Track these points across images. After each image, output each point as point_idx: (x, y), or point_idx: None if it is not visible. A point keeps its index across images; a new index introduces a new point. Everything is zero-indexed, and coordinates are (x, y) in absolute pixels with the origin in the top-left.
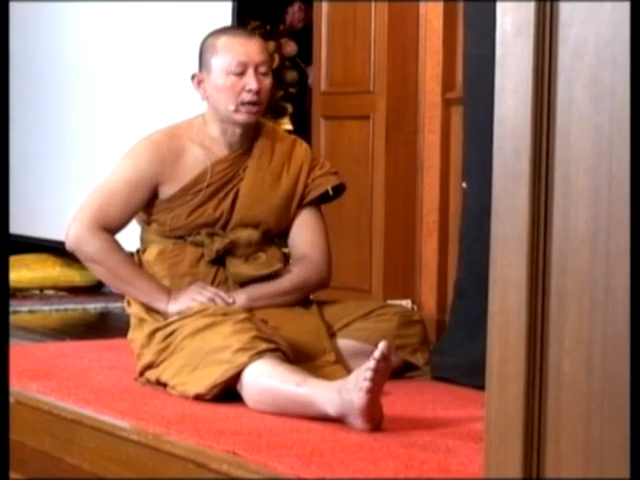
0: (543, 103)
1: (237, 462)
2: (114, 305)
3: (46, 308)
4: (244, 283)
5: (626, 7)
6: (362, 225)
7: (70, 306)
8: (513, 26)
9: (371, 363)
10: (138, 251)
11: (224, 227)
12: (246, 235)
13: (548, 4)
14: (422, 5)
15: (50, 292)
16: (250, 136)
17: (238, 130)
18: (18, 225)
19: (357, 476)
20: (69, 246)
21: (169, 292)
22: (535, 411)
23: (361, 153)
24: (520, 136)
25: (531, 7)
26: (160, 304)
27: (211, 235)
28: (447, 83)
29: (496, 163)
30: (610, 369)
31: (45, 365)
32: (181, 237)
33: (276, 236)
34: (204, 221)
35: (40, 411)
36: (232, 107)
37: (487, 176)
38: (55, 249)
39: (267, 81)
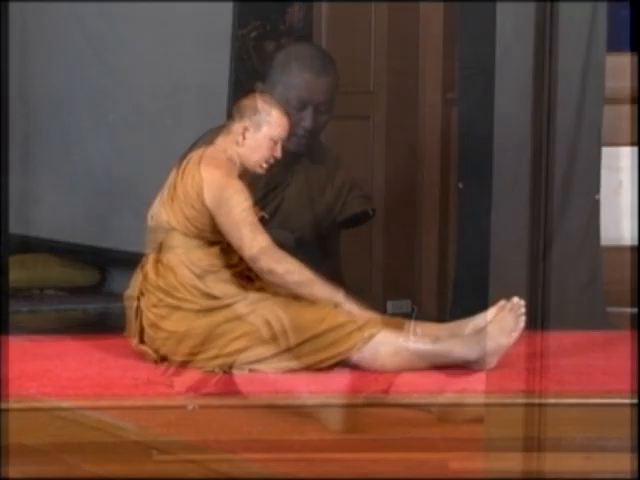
0: (543, 103)
1: (237, 462)
2: (114, 305)
3: (46, 308)
4: None
5: (626, 7)
6: (362, 225)
7: (70, 306)
8: (513, 27)
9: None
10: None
11: None
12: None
13: (548, 4)
14: (422, 5)
15: (50, 292)
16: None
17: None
18: (18, 225)
19: (357, 476)
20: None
21: None
22: (535, 411)
23: (361, 153)
24: (520, 136)
25: (531, 7)
26: None
27: None
28: (447, 83)
29: (496, 163)
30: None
31: (45, 365)
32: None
33: None
34: None
35: (40, 411)
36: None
37: (483, 175)
38: (55, 249)
39: None
